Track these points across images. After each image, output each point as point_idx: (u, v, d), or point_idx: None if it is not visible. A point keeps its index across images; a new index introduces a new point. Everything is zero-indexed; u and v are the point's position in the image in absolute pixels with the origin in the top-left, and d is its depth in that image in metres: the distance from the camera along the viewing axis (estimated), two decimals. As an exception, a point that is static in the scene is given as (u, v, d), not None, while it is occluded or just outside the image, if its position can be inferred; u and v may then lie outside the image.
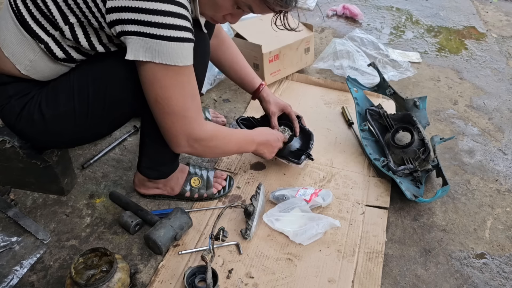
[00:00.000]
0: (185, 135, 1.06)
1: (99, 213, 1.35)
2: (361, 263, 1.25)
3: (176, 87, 0.99)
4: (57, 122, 1.11)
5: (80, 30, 1.01)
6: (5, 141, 1.26)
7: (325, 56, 2.13)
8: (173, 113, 1.02)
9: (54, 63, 1.08)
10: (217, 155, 1.25)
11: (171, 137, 1.07)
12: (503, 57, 2.42)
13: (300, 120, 1.57)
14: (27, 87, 1.11)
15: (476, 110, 1.98)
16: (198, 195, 1.38)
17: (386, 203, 1.43)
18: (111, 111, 1.12)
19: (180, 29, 0.93)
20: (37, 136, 1.16)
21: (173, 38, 0.92)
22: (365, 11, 2.77)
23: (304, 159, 1.47)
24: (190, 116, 1.04)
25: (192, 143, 1.08)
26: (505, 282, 1.26)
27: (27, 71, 1.08)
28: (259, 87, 1.50)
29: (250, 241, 1.28)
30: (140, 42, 0.92)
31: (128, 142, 1.61)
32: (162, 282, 1.16)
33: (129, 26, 0.91)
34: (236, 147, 1.25)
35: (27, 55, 1.05)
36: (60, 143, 1.24)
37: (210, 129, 1.12)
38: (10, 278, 1.15)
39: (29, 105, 1.10)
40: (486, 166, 1.67)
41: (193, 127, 1.06)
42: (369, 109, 1.67)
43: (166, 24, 0.91)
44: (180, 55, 0.95)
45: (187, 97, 1.02)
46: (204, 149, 1.12)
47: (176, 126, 1.04)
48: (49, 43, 1.03)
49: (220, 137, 1.16)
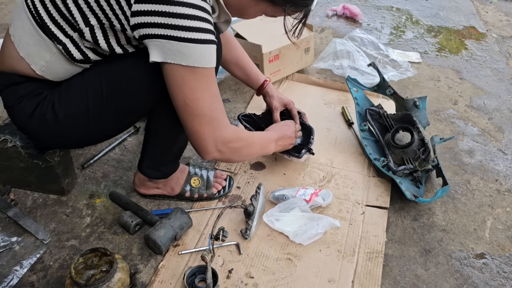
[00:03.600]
0: (213, 138, 1.06)
1: (99, 213, 1.35)
2: (361, 263, 1.25)
3: (204, 88, 1.00)
4: (70, 122, 1.11)
5: (100, 32, 1.01)
6: (7, 140, 1.26)
7: (325, 56, 2.13)
8: (202, 114, 1.02)
9: (70, 64, 1.08)
10: (243, 157, 1.25)
11: (199, 141, 1.06)
12: (503, 57, 2.42)
13: (302, 116, 1.60)
14: (40, 87, 1.11)
15: (476, 110, 1.98)
16: (198, 195, 1.38)
17: (386, 203, 1.43)
18: (124, 111, 1.13)
19: (206, 31, 0.95)
20: (48, 136, 1.16)
21: (200, 41, 0.94)
22: (365, 11, 2.77)
23: (305, 153, 1.48)
24: (217, 117, 1.05)
25: (220, 147, 1.08)
26: (505, 282, 1.26)
27: (42, 72, 1.08)
28: (263, 83, 1.55)
29: (250, 241, 1.28)
30: (167, 45, 0.93)
31: (128, 142, 1.61)
32: (162, 282, 1.16)
33: (156, 30, 0.93)
34: (259, 146, 1.26)
35: (43, 56, 1.06)
36: (70, 144, 1.25)
37: (234, 130, 1.13)
38: (10, 278, 1.15)
39: (41, 105, 1.10)
40: (486, 166, 1.67)
41: (221, 128, 1.07)
42: (369, 109, 1.67)
43: (192, 27, 0.93)
44: (206, 57, 0.97)
45: (214, 97, 1.03)
46: (231, 151, 1.12)
47: (204, 129, 1.04)
48: (67, 44, 1.04)
49: (243, 138, 1.18)
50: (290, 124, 1.45)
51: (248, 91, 1.91)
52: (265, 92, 1.56)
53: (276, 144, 1.34)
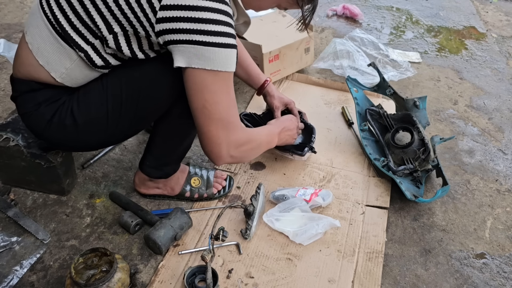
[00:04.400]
0: (227, 143, 1.06)
1: (99, 213, 1.35)
2: (361, 263, 1.25)
3: (224, 92, 1.01)
4: (89, 127, 1.11)
5: (123, 38, 1.02)
6: (9, 139, 1.26)
7: (325, 56, 2.13)
8: (219, 119, 1.03)
9: (90, 70, 1.08)
10: (252, 157, 1.25)
11: (213, 146, 1.06)
12: (503, 57, 2.42)
13: (302, 116, 1.60)
14: (57, 93, 1.11)
15: (476, 110, 1.98)
16: (198, 195, 1.38)
17: (386, 203, 1.43)
18: (142, 114, 1.13)
19: (229, 36, 0.96)
20: (66, 141, 1.16)
21: (224, 45, 0.96)
22: (365, 11, 2.77)
23: (307, 151, 1.49)
24: (233, 121, 1.06)
25: (232, 152, 1.09)
26: (505, 282, 1.26)
27: (62, 79, 1.08)
28: (264, 83, 1.55)
29: (250, 241, 1.28)
30: (192, 50, 0.94)
31: (128, 142, 1.61)
32: (162, 282, 1.16)
33: (181, 35, 0.94)
34: (265, 143, 1.27)
35: (63, 63, 1.06)
36: (87, 147, 1.26)
37: (245, 133, 1.15)
38: (10, 278, 1.15)
39: (60, 111, 1.10)
40: (486, 166, 1.67)
41: (235, 132, 1.07)
42: (369, 109, 1.67)
43: (217, 32, 0.94)
44: (229, 61, 0.98)
45: (232, 101, 1.05)
46: (242, 155, 1.14)
47: (220, 133, 1.04)
48: (88, 51, 1.04)
49: (253, 139, 1.19)
50: (292, 118, 1.45)
51: (248, 91, 1.91)
52: (266, 92, 1.56)
53: (279, 137, 1.34)
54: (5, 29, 2.21)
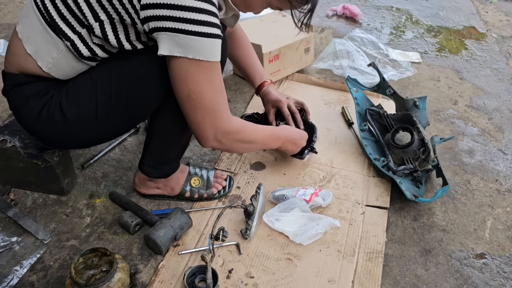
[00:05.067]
0: (213, 129, 1.08)
1: (99, 213, 1.35)
2: (361, 263, 1.25)
3: (208, 81, 1.02)
4: (79, 122, 1.11)
5: (109, 27, 1.01)
6: (6, 141, 1.26)
7: (325, 56, 2.13)
8: (204, 107, 1.04)
9: (77, 61, 1.08)
10: (243, 150, 1.28)
11: (200, 131, 1.09)
12: (503, 57, 2.42)
13: (304, 114, 1.60)
14: (45, 87, 1.11)
15: (476, 110, 1.98)
16: (198, 195, 1.38)
17: (386, 203, 1.43)
18: (133, 109, 1.13)
19: (212, 25, 0.96)
20: (56, 137, 1.15)
21: (206, 34, 0.95)
22: (365, 11, 2.77)
23: (308, 153, 1.49)
24: (219, 110, 1.07)
25: (220, 137, 1.10)
26: (505, 282, 1.26)
27: (48, 69, 1.08)
28: (261, 85, 1.55)
29: (250, 241, 1.28)
30: (175, 38, 0.95)
31: (128, 142, 1.61)
32: (162, 282, 1.16)
33: (164, 23, 0.94)
34: (261, 141, 1.29)
35: (50, 53, 1.06)
36: (78, 144, 1.24)
37: (237, 123, 1.16)
38: (10, 278, 1.15)
39: (48, 106, 1.10)
40: (486, 166, 1.67)
41: (222, 120, 1.08)
42: (369, 109, 1.67)
43: (200, 21, 0.94)
44: (212, 50, 0.98)
45: (217, 91, 1.05)
46: (231, 143, 1.15)
47: (206, 120, 1.06)
48: (75, 40, 1.04)
49: (246, 131, 1.19)
50: (304, 135, 1.46)
51: (248, 91, 1.92)
52: (261, 95, 1.58)
53: (282, 144, 1.37)
54: (5, 29, 2.21)
